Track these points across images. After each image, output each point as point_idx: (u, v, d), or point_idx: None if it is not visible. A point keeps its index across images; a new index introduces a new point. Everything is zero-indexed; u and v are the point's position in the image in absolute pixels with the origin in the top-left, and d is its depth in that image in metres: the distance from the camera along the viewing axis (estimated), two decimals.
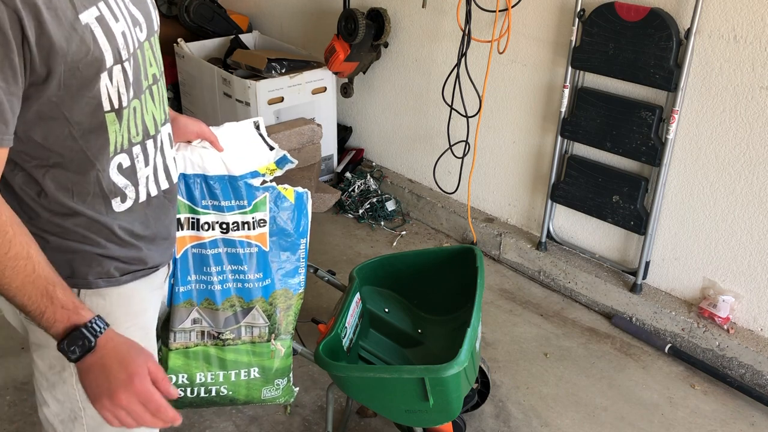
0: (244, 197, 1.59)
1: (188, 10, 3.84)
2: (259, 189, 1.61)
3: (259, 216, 1.62)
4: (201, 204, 1.57)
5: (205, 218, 1.57)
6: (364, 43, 3.25)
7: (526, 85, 2.90)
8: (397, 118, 3.52)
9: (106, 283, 1.15)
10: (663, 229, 2.63)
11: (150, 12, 1.17)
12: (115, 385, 0.98)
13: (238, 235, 1.61)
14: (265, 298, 1.66)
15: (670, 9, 2.35)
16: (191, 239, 1.59)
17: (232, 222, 1.60)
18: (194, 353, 1.66)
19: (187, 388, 1.68)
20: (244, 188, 1.58)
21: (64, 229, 1.10)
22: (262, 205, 1.62)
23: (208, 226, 1.58)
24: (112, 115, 1.07)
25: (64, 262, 1.10)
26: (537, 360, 2.51)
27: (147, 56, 1.14)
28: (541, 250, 2.96)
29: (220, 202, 1.57)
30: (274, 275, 1.67)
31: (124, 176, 1.14)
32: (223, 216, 1.58)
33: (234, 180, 1.57)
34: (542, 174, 2.96)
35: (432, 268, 2.11)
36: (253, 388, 1.73)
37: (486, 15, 2.86)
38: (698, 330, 2.51)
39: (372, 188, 3.51)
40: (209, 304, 1.63)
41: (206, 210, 1.57)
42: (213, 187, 1.56)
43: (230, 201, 1.58)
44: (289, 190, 1.67)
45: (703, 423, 2.25)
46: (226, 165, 1.55)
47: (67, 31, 0.95)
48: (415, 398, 1.67)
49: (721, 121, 2.36)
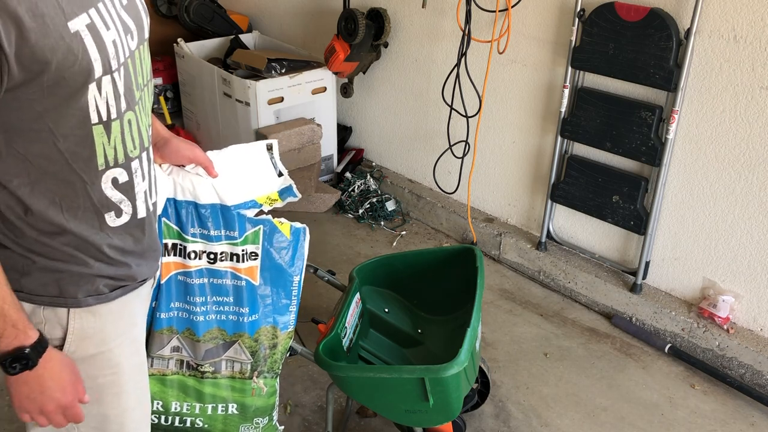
0: (235, 228, 1.52)
1: (188, 10, 3.84)
2: (252, 221, 1.54)
3: (250, 249, 1.54)
4: (189, 232, 1.50)
5: (192, 246, 1.51)
6: (364, 43, 3.25)
7: (526, 85, 2.90)
8: (397, 118, 3.52)
9: (96, 300, 1.12)
10: (663, 229, 2.63)
11: (141, 19, 1.12)
12: (47, 399, 1.08)
13: (226, 266, 1.54)
14: (250, 334, 1.60)
15: (670, 9, 2.35)
16: (177, 266, 1.53)
17: (220, 252, 1.53)
18: (171, 381, 1.60)
19: (161, 416, 1.63)
20: (236, 219, 1.52)
21: (51, 249, 1.06)
22: (255, 237, 1.55)
23: (195, 255, 1.52)
24: (99, 127, 1.03)
25: (51, 282, 1.08)
26: (537, 360, 2.51)
27: (137, 66, 1.10)
28: (541, 250, 2.96)
29: (209, 231, 1.51)
30: (262, 311, 1.60)
31: (120, 191, 1.11)
32: (211, 246, 1.52)
33: (226, 210, 1.50)
34: (542, 174, 2.96)
35: (432, 268, 2.11)
36: (230, 424, 1.67)
37: (486, 15, 2.86)
38: (698, 330, 2.51)
39: (372, 188, 3.51)
40: (190, 334, 1.57)
41: (194, 238, 1.51)
42: (203, 216, 1.50)
43: (220, 231, 1.52)
44: (285, 224, 1.59)
45: (703, 423, 2.25)
46: (219, 194, 1.49)
47: (54, 40, 0.91)
48: (415, 398, 1.67)
49: (721, 121, 2.36)
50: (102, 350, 1.15)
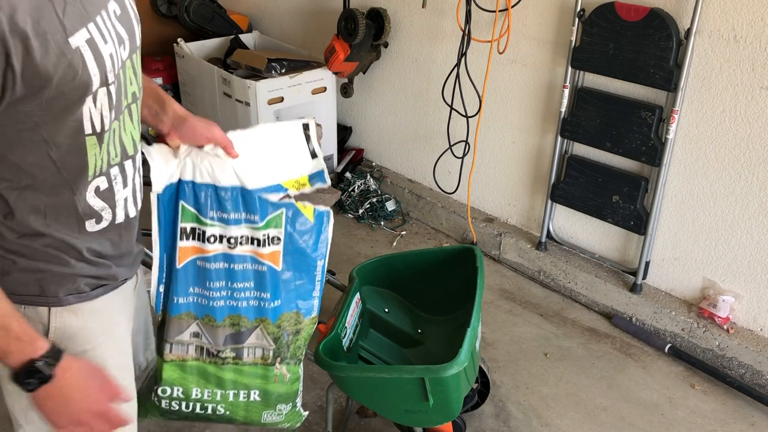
0: (257, 211, 1.46)
1: (188, 10, 3.84)
2: (275, 205, 1.47)
3: (272, 233, 1.48)
4: (208, 215, 1.45)
5: (211, 230, 1.45)
6: (364, 43, 3.25)
7: (526, 85, 2.90)
8: (397, 118, 3.52)
9: (77, 299, 1.11)
10: (663, 229, 2.63)
11: (134, 28, 1.11)
12: (77, 411, 1.04)
13: (247, 250, 1.48)
14: (273, 320, 1.55)
15: (670, 9, 2.35)
16: (195, 251, 1.47)
17: (240, 236, 1.47)
18: (190, 368, 1.56)
19: (182, 402, 1.58)
20: (258, 203, 1.45)
21: (32, 250, 1.06)
22: (278, 221, 1.48)
23: (214, 239, 1.46)
24: (93, 138, 1.03)
25: (32, 281, 1.07)
26: (537, 360, 2.51)
27: (128, 75, 1.10)
28: (541, 250, 2.96)
29: (228, 215, 1.44)
30: (285, 297, 1.55)
31: (101, 199, 1.10)
32: (230, 230, 1.46)
33: (247, 193, 1.44)
34: (542, 174, 2.96)
35: (432, 268, 2.11)
36: (252, 411, 1.63)
37: (486, 15, 2.86)
38: (698, 330, 2.51)
39: (372, 188, 3.51)
40: (209, 320, 1.52)
41: (213, 222, 1.45)
42: (223, 199, 1.43)
43: (240, 214, 1.46)
44: (308, 207, 1.52)
45: (703, 423, 2.25)
46: (240, 176, 1.42)
47: (56, 57, 0.91)
48: (415, 398, 1.67)
49: (721, 121, 2.36)
50: (86, 349, 1.14)
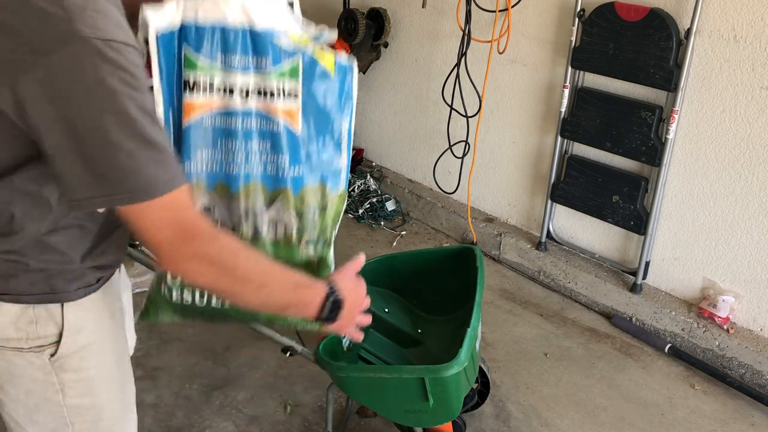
0: (268, 54, 1.24)
1: None
2: (288, 51, 1.26)
3: (287, 85, 1.27)
4: (215, 63, 1.23)
5: (218, 81, 1.24)
6: (364, 43, 3.25)
7: (526, 85, 2.90)
8: (397, 118, 3.52)
9: (85, 292, 1.13)
10: (663, 229, 2.63)
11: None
12: (355, 314, 1.30)
13: (261, 105, 1.27)
14: (294, 192, 1.34)
15: (670, 9, 2.35)
16: (200, 106, 1.25)
17: (251, 86, 1.26)
18: None
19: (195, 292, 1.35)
20: (270, 45, 1.24)
21: (40, 250, 1.06)
22: (293, 72, 1.27)
23: (222, 91, 1.25)
24: None
25: (40, 280, 1.07)
26: (537, 360, 2.51)
27: None
28: (541, 250, 2.96)
29: (236, 60, 1.24)
30: (306, 165, 1.34)
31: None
32: (238, 77, 1.25)
33: (257, 35, 1.23)
34: (542, 174, 2.96)
35: (432, 268, 2.11)
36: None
37: (486, 15, 2.86)
38: (698, 330, 2.51)
39: (372, 188, 3.51)
40: (223, 190, 1.31)
41: (220, 69, 1.24)
42: (230, 42, 1.22)
43: (248, 58, 1.24)
44: (328, 57, 1.30)
45: (703, 423, 2.25)
46: (248, 13, 1.22)
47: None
48: (415, 398, 1.67)
49: (721, 121, 2.36)
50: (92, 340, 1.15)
